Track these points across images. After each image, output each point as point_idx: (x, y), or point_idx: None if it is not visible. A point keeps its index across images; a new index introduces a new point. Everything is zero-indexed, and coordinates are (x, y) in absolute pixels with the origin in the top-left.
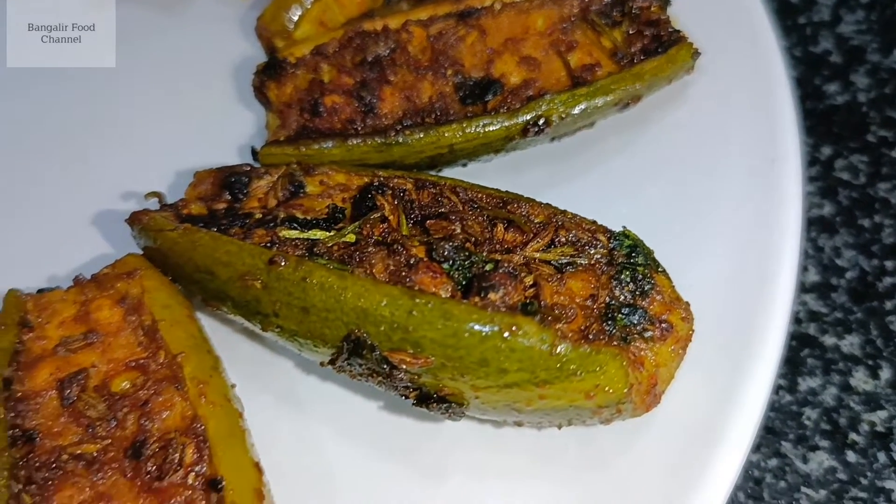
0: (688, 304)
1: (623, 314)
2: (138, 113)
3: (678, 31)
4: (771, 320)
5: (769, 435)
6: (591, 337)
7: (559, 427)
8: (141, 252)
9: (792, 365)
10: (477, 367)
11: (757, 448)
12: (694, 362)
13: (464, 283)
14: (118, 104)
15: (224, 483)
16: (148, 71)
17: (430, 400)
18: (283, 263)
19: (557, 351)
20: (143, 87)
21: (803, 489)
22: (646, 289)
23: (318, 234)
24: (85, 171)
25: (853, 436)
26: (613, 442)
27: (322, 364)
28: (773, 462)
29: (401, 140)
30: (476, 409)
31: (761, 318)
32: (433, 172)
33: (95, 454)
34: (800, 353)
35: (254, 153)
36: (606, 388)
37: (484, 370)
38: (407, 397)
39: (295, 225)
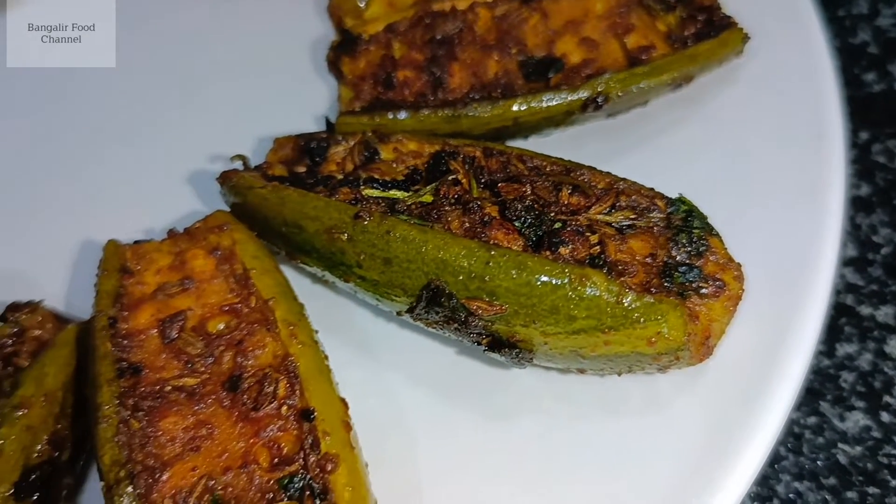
0: (740, 265)
1: (680, 272)
2: (224, 84)
3: (729, 17)
4: (815, 289)
5: (809, 395)
6: (652, 290)
7: (619, 374)
8: (228, 209)
9: (831, 332)
10: (548, 314)
11: (798, 407)
12: (743, 322)
13: (534, 240)
14: (208, 76)
15: (315, 413)
16: (234, 47)
17: (502, 346)
18: (368, 218)
19: (623, 300)
20: (230, 62)
21: (840, 445)
22: (701, 249)
23: (397, 193)
24: (176, 136)
25: (887, 398)
26: (670, 391)
27: (398, 314)
28: (812, 420)
29: (469, 112)
30: (543, 355)
31: (806, 286)
32: None
33: (195, 386)
34: (838, 321)
35: (328, 124)
36: (667, 336)
37: (554, 317)
38: (479, 343)
39: (376, 185)
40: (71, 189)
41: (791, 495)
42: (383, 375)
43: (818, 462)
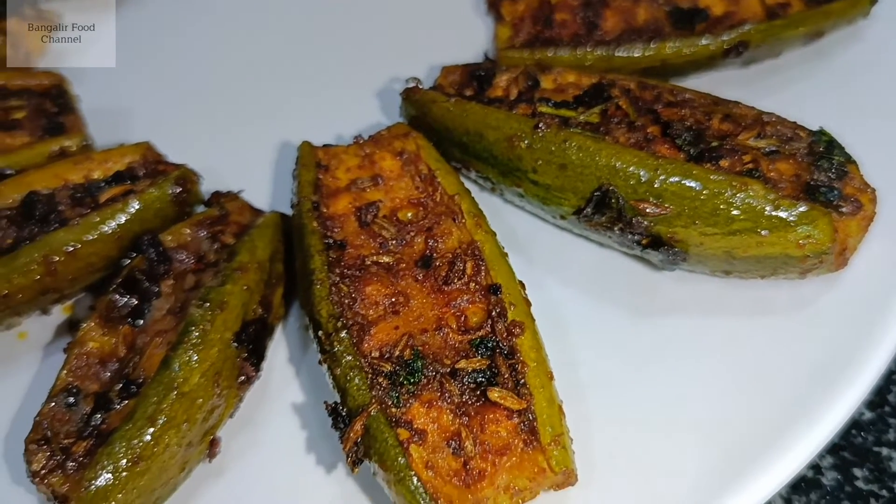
0: (874, 189)
1: (822, 191)
2: (395, 20)
3: None
4: None
5: None
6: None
7: (762, 277)
8: (405, 122)
9: None
10: (708, 215)
11: None
12: (874, 239)
13: (694, 155)
14: (387, 11)
15: (502, 289)
16: None
17: (660, 245)
18: (547, 128)
19: (779, 205)
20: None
21: None
22: (841, 174)
23: (568, 112)
24: (359, 60)
25: None
26: (810, 296)
27: (562, 217)
28: None
29: (623, 52)
30: (696, 255)
31: None
32: None
33: (391, 263)
34: None
35: (486, 59)
36: (815, 240)
37: (714, 219)
38: (639, 243)
39: (550, 104)
40: (268, 97)
41: None
42: (536, 273)
43: None
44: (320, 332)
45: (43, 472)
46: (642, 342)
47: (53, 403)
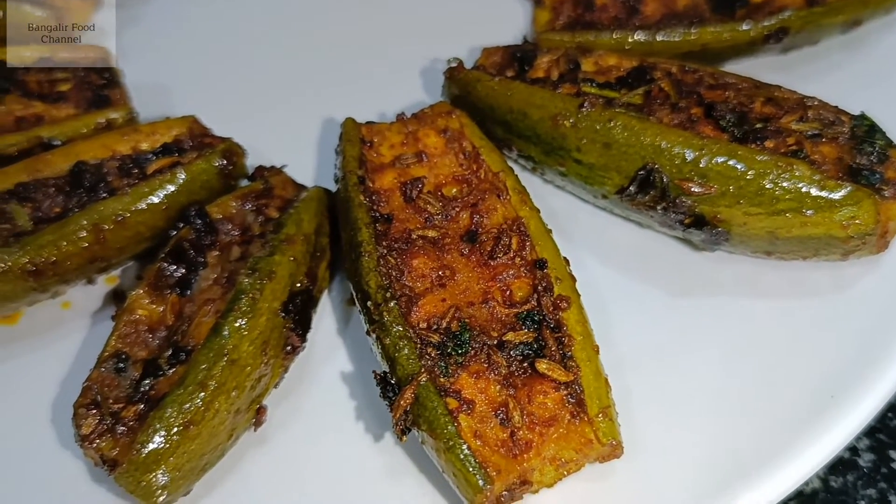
0: None
1: (864, 174)
2: (436, 3)
3: None
4: None
5: None
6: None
7: (803, 259)
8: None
9: None
10: (753, 195)
11: None
12: None
13: (738, 136)
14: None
15: (548, 264)
16: None
17: (703, 225)
18: (591, 107)
19: (824, 186)
20: None
21: None
22: (883, 158)
23: (611, 93)
24: (398, 41)
25: None
26: (851, 277)
27: (604, 196)
28: None
29: (663, 36)
30: (739, 235)
31: None
32: None
33: (437, 237)
34: None
35: (525, 42)
36: (859, 221)
37: (759, 199)
38: (681, 223)
39: (594, 84)
40: (308, 74)
41: None
42: (575, 253)
43: None
44: (369, 303)
45: (92, 435)
46: (681, 322)
47: (103, 369)
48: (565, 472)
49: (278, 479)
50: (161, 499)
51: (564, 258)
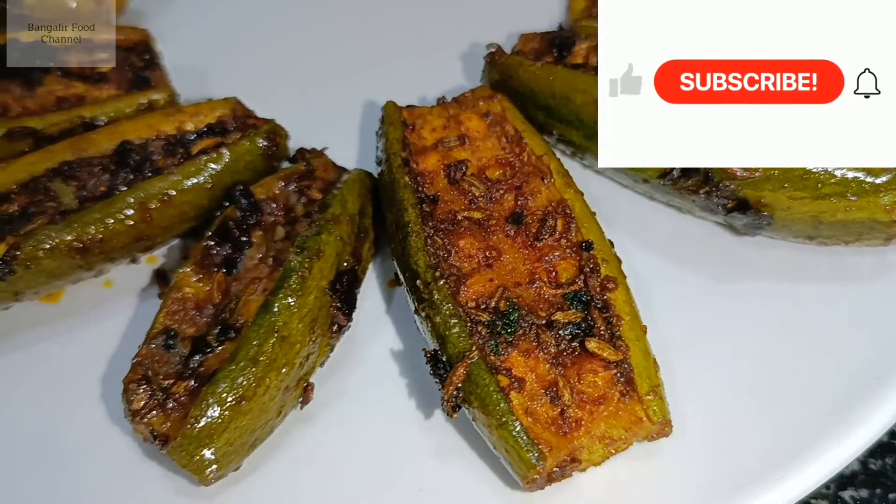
0: None
1: None
2: None
3: None
4: None
5: None
6: None
7: (845, 244)
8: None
9: None
10: (798, 179)
11: None
12: None
13: None
14: None
15: (595, 245)
16: None
17: (747, 209)
18: None
19: (869, 170)
20: None
21: None
22: None
23: None
24: (434, 27)
25: None
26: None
27: (645, 181)
28: None
29: None
30: (781, 220)
31: None
32: None
33: (482, 219)
34: None
35: (560, 28)
36: None
37: (804, 182)
38: (724, 207)
39: None
40: (348, 58)
41: None
42: (615, 237)
43: None
44: (418, 282)
45: (143, 410)
46: (721, 307)
47: (152, 345)
48: (613, 451)
49: (324, 457)
50: (212, 474)
51: (609, 240)
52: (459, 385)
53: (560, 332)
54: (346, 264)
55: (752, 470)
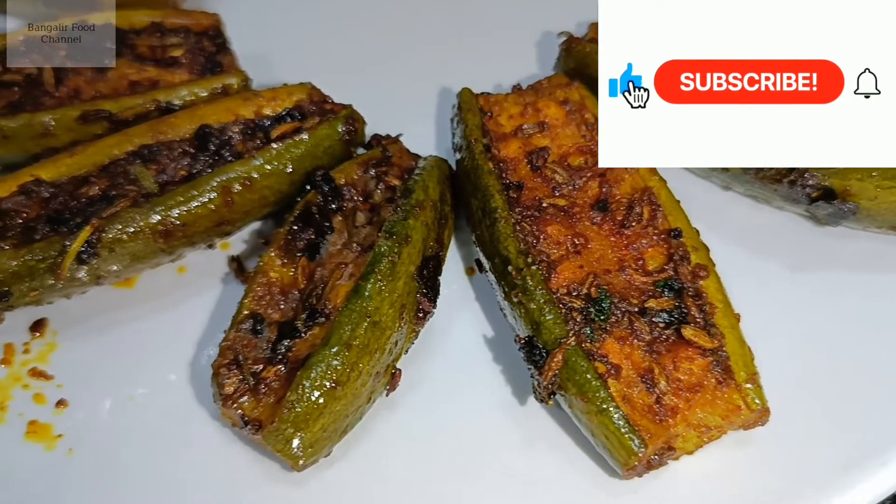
0: None
1: None
2: None
3: None
4: None
5: None
6: None
7: None
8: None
9: None
10: (887, 168)
11: None
12: None
13: None
14: None
15: (683, 233)
16: None
17: (832, 198)
18: None
19: None
20: None
21: None
22: None
23: None
24: (508, 14)
25: None
26: None
27: (725, 169)
28: None
29: None
30: (866, 210)
31: None
32: None
33: (567, 206)
34: None
35: None
36: None
37: (892, 171)
38: (809, 196)
39: None
40: (416, 45)
41: None
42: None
43: None
44: (510, 268)
45: (235, 395)
46: (802, 297)
47: (240, 330)
48: (707, 439)
49: (411, 444)
50: (306, 459)
51: (695, 228)
52: (557, 371)
53: (654, 319)
54: (430, 250)
55: (839, 464)
